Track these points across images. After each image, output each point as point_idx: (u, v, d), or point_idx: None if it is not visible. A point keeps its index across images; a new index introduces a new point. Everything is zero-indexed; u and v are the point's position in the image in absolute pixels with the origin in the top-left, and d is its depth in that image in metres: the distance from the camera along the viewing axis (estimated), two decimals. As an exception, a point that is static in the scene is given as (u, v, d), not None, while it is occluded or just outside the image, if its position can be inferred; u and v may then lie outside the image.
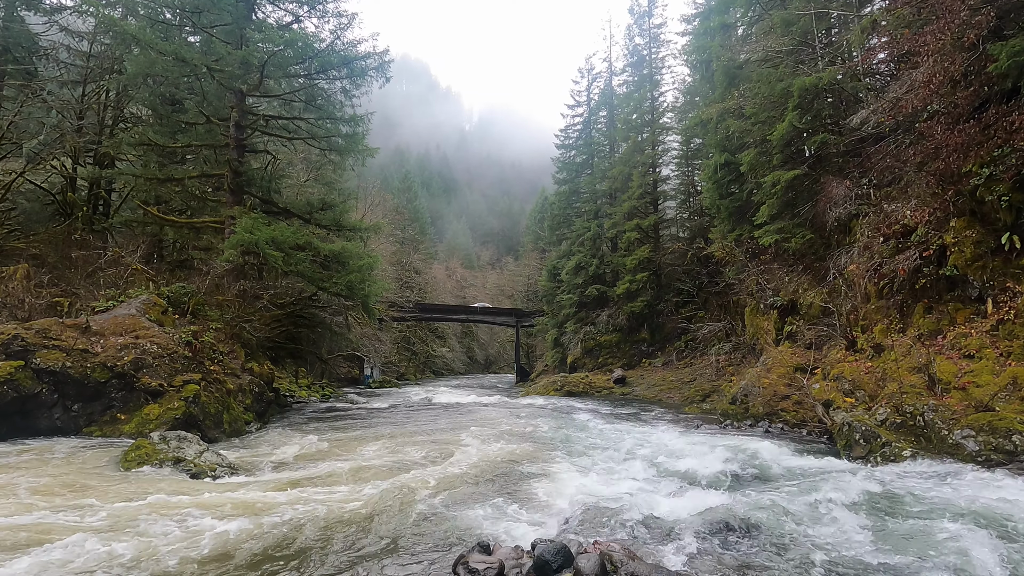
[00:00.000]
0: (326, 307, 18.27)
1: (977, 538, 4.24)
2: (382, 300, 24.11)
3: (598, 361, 26.33)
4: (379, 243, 32.53)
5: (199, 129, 15.36)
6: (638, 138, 27.66)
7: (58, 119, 14.83)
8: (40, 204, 15.97)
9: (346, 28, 14.98)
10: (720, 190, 18.67)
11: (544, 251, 44.51)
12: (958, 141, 8.78)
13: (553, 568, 3.68)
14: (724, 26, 20.77)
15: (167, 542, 4.16)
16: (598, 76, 32.75)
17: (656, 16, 28.97)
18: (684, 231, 27.58)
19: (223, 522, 4.62)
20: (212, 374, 10.45)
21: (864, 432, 7.89)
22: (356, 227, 17.30)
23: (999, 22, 8.56)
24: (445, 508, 5.30)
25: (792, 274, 15.20)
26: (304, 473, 6.86)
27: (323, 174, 23.02)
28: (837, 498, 5.38)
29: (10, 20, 15.04)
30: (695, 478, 6.59)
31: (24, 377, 8.14)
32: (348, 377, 31.21)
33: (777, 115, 14.50)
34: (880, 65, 13.79)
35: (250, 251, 13.46)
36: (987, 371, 7.79)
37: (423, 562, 4.03)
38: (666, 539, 4.46)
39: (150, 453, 6.79)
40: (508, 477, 6.75)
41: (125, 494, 5.41)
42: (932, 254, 9.65)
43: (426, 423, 12.38)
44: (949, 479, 6.01)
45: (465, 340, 61.86)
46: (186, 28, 15.68)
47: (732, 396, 13.24)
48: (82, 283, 11.61)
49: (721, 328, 19.94)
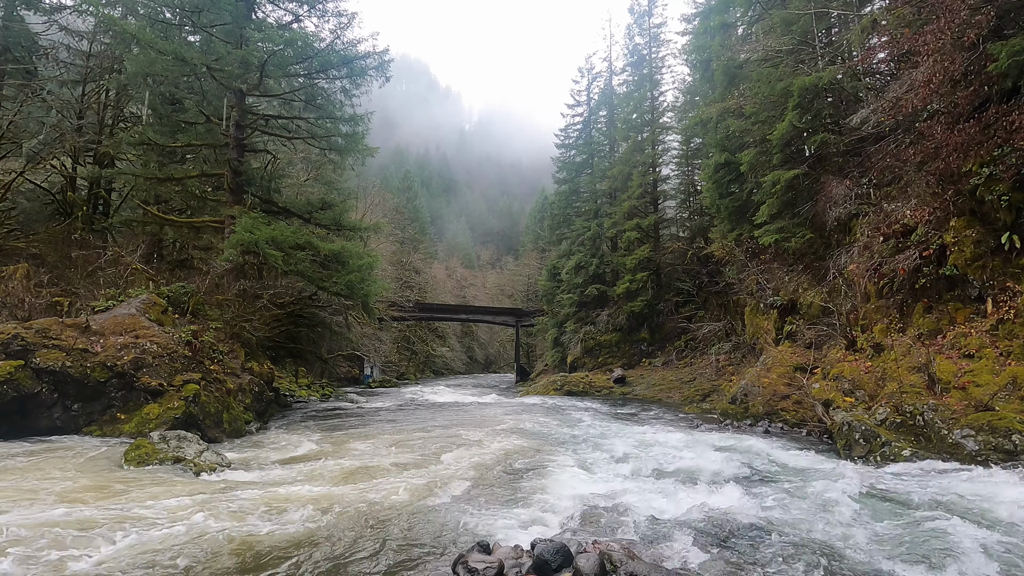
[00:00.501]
0: (326, 306, 18.27)
1: (975, 537, 4.24)
2: (382, 299, 24.08)
3: (598, 361, 26.32)
4: (379, 243, 32.50)
5: (199, 128, 15.35)
6: (638, 137, 27.66)
7: (58, 118, 14.83)
8: (40, 203, 15.97)
9: (346, 28, 14.97)
10: (720, 190, 18.66)
11: (544, 251, 44.52)
12: (958, 141, 8.78)
13: (553, 567, 3.68)
14: (724, 25, 20.76)
15: (166, 541, 4.16)
16: (598, 76, 32.75)
17: (656, 15, 28.96)
18: (684, 231, 27.57)
19: (222, 521, 4.62)
20: (212, 374, 10.45)
21: (864, 432, 7.89)
22: (356, 227, 17.29)
23: (999, 21, 8.56)
24: (445, 507, 5.31)
25: (792, 274, 15.20)
26: (304, 472, 6.86)
27: (323, 174, 23.00)
28: (837, 497, 5.38)
29: (10, 19, 15.03)
30: (695, 477, 6.60)
31: (24, 377, 8.13)
32: (348, 376, 31.21)
33: (777, 115, 14.50)
34: (880, 64, 13.78)
35: (250, 251, 13.45)
36: (987, 371, 7.79)
37: (422, 561, 4.03)
38: (666, 538, 4.46)
39: (150, 452, 6.79)
40: (507, 476, 6.75)
41: (124, 493, 5.42)
42: (932, 254, 9.65)
43: (426, 423, 12.38)
44: (949, 478, 6.02)
45: (465, 340, 61.86)
46: (186, 27, 15.65)
47: (732, 396, 13.24)
48: (82, 282, 11.61)
49: (721, 328, 19.95)
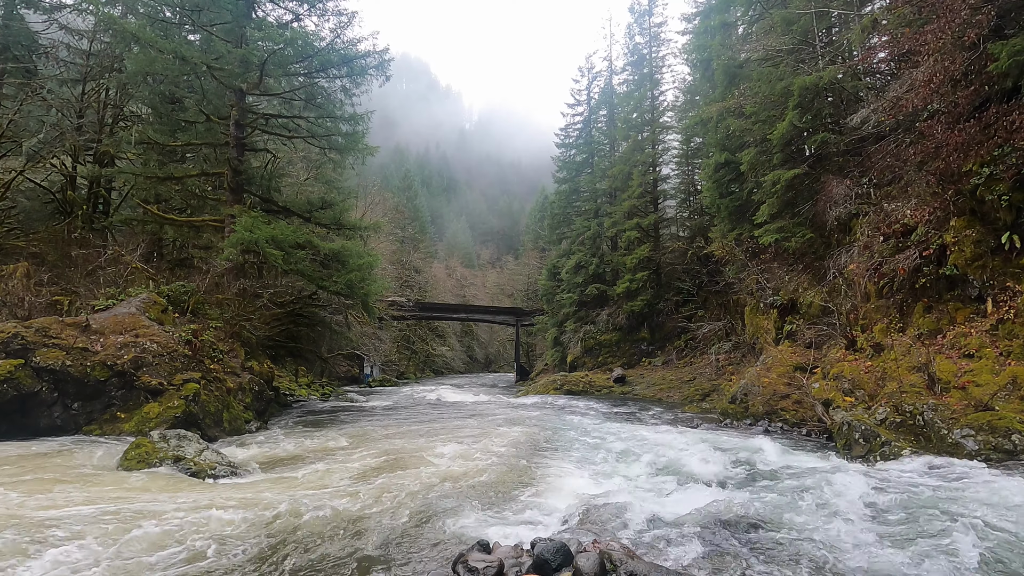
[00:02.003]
0: (326, 306, 18.26)
1: (974, 537, 4.24)
2: (382, 299, 24.08)
3: (598, 360, 26.33)
4: (379, 242, 32.54)
5: (199, 127, 15.35)
6: (638, 137, 27.65)
7: (58, 117, 14.82)
8: (40, 202, 15.96)
9: (346, 26, 14.96)
10: (720, 189, 18.66)
11: (544, 250, 44.53)
12: (958, 140, 8.77)
13: (552, 567, 3.68)
14: (724, 25, 20.76)
15: (165, 541, 4.16)
16: (598, 75, 32.74)
17: (656, 15, 28.96)
18: (684, 230, 27.58)
19: (221, 520, 4.62)
20: (212, 373, 10.45)
21: (863, 431, 7.90)
22: (356, 226, 17.29)
23: (999, 21, 8.56)
24: (445, 506, 5.31)
25: (792, 273, 15.20)
26: (303, 471, 6.86)
27: (323, 173, 22.97)
28: (836, 496, 5.38)
29: (10, 18, 15.01)
30: (694, 477, 6.60)
31: (24, 376, 8.14)
32: (348, 376, 31.20)
33: (777, 114, 14.50)
34: (880, 64, 13.77)
35: (250, 250, 13.44)
36: (987, 370, 7.79)
37: (423, 560, 4.03)
38: (665, 537, 4.46)
39: (150, 452, 6.79)
40: (507, 476, 6.75)
41: (123, 492, 5.42)
42: (932, 253, 9.65)
43: (425, 422, 12.38)
44: (948, 478, 6.02)
45: (465, 339, 61.89)
46: (186, 26, 15.63)
47: (732, 395, 13.24)
48: (82, 281, 11.60)
49: (721, 327, 19.95)
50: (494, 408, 15.73)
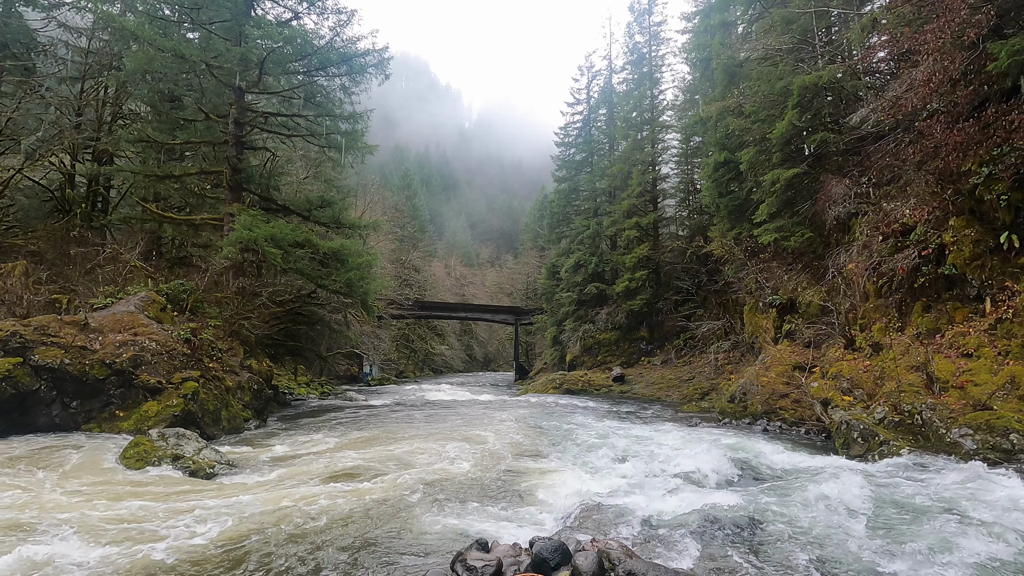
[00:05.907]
0: (325, 304, 18.25)
1: (973, 536, 4.25)
2: (381, 297, 24.10)
3: (597, 359, 26.34)
4: (378, 240, 32.49)
5: (198, 126, 15.32)
6: (638, 136, 27.64)
7: (56, 115, 14.81)
8: (38, 200, 15.95)
9: (345, 25, 14.96)
10: (719, 188, 18.66)
11: (544, 249, 44.49)
12: (958, 140, 8.78)
13: (551, 566, 3.68)
14: (724, 24, 20.74)
15: (164, 540, 4.16)
16: (598, 74, 32.73)
17: (656, 14, 28.94)
18: (683, 229, 27.56)
19: (220, 519, 4.62)
20: (211, 371, 10.44)
21: (862, 430, 7.91)
22: (355, 224, 17.27)
23: (999, 21, 8.55)
24: (443, 505, 5.31)
25: (791, 272, 15.20)
26: (302, 470, 6.86)
27: (322, 171, 23.00)
28: (835, 496, 5.39)
29: (8, 16, 14.97)
30: (693, 476, 6.60)
31: (22, 374, 8.13)
32: (347, 375, 31.16)
33: (777, 113, 14.49)
34: (880, 64, 13.76)
35: (249, 248, 13.44)
36: (985, 370, 7.80)
37: (421, 559, 4.03)
38: (664, 537, 4.46)
39: (149, 450, 6.79)
40: (506, 475, 6.75)
41: (122, 491, 5.42)
42: (931, 253, 9.66)
43: (424, 421, 12.38)
44: (947, 477, 6.02)
45: (464, 338, 61.84)
46: (185, 24, 15.61)
47: (731, 394, 13.25)
48: (81, 280, 11.60)
49: (720, 326, 19.96)
50: (493, 407, 15.73)
